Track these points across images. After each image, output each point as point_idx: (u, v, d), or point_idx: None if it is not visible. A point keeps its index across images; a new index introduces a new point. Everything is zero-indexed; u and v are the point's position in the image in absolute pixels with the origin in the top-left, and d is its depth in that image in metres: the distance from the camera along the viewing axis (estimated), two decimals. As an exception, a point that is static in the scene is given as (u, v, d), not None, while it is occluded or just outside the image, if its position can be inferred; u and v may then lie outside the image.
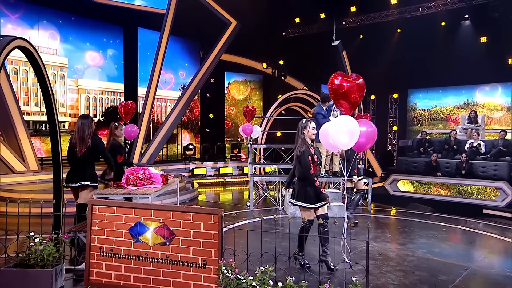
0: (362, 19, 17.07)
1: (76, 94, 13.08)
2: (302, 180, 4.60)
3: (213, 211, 3.82)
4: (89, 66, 13.31)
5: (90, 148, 5.37)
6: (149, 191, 4.81)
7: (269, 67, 17.00)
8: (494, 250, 5.99)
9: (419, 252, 5.58)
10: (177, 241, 3.89)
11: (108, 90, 13.86)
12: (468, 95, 16.71)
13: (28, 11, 11.72)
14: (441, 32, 16.17)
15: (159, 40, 12.35)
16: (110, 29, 13.65)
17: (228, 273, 3.42)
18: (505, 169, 11.74)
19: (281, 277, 3.62)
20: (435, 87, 17.41)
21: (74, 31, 12.81)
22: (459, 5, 15.18)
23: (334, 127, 3.53)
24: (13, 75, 11.67)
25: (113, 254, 4.05)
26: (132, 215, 4.03)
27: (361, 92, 3.65)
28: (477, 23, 15.41)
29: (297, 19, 17.30)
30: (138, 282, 3.97)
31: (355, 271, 4.69)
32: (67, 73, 12.81)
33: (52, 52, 12.45)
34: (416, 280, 4.52)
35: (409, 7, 15.98)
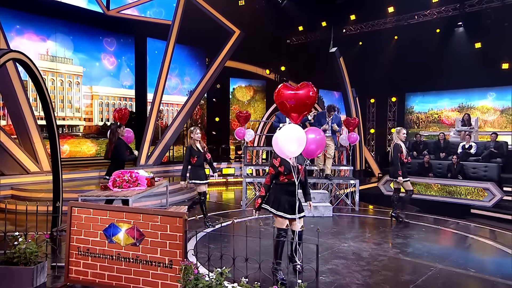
0: (361, 27, 16.92)
1: (90, 100, 13.25)
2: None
3: (178, 214, 3.79)
4: (102, 74, 13.46)
5: (115, 149, 6.16)
6: (130, 194, 4.81)
7: (272, 73, 16.94)
8: (466, 250, 5.80)
9: (392, 252, 5.45)
10: (146, 242, 3.88)
11: (120, 96, 14.00)
12: (463, 98, 16.36)
13: (44, 24, 11.91)
14: (436, 39, 15.89)
15: (165, 49, 12.40)
16: (122, 39, 13.78)
17: (188, 274, 3.39)
18: (494, 170, 11.44)
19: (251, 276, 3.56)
20: (431, 91, 17.12)
21: (88, 41, 12.96)
22: (453, 12, 14.92)
23: (282, 135, 3.46)
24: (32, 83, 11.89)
25: (89, 253, 4.06)
26: (107, 217, 4.03)
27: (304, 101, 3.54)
28: (471, 30, 15.12)
29: (301, 28, 17.22)
30: (112, 280, 3.97)
31: (323, 271, 4.62)
32: (82, 81, 12.98)
33: (67, 61, 12.62)
34: (380, 279, 4.41)
35: (406, 15, 15.79)
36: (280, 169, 4.15)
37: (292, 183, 4.18)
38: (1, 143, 9.29)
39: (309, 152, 3.47)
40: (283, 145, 3.44)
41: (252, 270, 3.69)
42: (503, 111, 15.21)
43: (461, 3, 14.59)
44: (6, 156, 9.38)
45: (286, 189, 4.21)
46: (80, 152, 12.94)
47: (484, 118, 15.62)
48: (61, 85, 12.54)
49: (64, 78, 12.62)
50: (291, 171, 4.15)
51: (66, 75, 12.62)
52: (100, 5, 12.74)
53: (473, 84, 15.59)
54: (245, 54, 15.52)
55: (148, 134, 12.01)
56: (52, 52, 12.27)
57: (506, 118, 15.16)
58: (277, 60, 16.65)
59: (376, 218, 7.80)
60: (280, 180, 4.21)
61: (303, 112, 3.58)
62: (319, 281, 4.26)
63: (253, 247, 4.00)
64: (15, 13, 11.26)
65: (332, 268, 4.73)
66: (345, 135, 8.97)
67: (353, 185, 8.47)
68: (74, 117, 12.84)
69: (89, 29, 12.91)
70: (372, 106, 19.61)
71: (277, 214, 4.21)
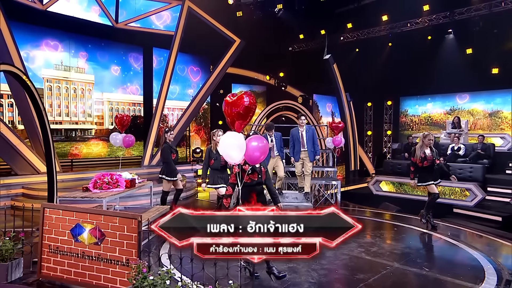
0: (357, 35, 16.69)
1: (102, 105, 13.43)
2: None
3: (134, 216, 3.78)
4: (112, 81, 13.63)
5: (161, 152, 6.87)
6: (104, 195, 4.82)
7: (272, 79, 16.85)
8: (428, 250, 5.61)
9: (356, 251, 5.31)
10: (107, 242, 3.87)
11: (130, 102, 14.15)
12: (454, 102, 15.94)
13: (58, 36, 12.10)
14: (428, 45, 15.57)
15: (168, 57, 12.49)
16: (130, 49, 13.91)
17: (137, 272, 3.37)
18: (479, 171, 11.16)
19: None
20: (424, 95, 16.77)
21: (99, 51, 13.13)
22: (443, 20, 14.60)
23: (224, 143, 3.40)
24: (48, 91, 12.15)
25: (58, 251, 4.09)
26: (73, 217, 4.04)
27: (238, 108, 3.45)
28: (460, 37, 14.75)
29: (301, 36, 17.08)
30: (77, 277, 3.99)
31: (283, 269, 4.52)
32: (93, 88, 13.17)
33: (80, 70, 12.82)
34: (334, 278, 4.31)
35: (399, 23, 15.52)
36: (245, 167, 4.05)
37: (256, 183, 4.12)
38: (15, 146, 9.50)
39: (253, 158, 3.39)
40: (224, 152, 3.38)
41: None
42: (491, 114, 14.75)
43: (451, 11, 14.25)
44: (19, 158, 9.58)
45: (249, 189, 4.13)
46: (92, 153, 13.12)
47: (474, 120, 15.17)
48: (74, 93, 12.74)
49: (77, 86, 12.82)
50: (255, 171, 4.09)
51: (79, 83, 12.82)
52: (109, 18, 12.89)
53: (464, 88, 15.22)
54: (246, 61, 15.50)
55: (152, 136, 12.10)
56: (65, 63, 12.48)
57: (494, 120, 14.69)
58: (276, 66, 16.55)
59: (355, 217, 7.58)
60: (245, 180, 4.06)
61: (245, 120, 3.50)
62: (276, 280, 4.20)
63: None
64: (31, 27, 11.50)
65: (292, 267, 4.63)
66: (330, 138, 8.82)
67: (335, 186, 8.32)
68: (86, 122, 13.03)
69: (100, 40, 13.08)
70: (369, 109, 19.29)
71: None
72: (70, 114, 12.67)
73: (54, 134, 12.25)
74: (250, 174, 4.07)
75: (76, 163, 12.52)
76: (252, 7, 13.40)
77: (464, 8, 14.02)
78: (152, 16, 13.86)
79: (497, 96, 14.69)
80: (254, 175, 4.10)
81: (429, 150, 6.53)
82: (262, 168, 4.20)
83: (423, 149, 6.51)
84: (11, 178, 9.43)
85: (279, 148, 7.40)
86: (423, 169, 6.51)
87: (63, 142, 12.50)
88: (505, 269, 4.60)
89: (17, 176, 9.50)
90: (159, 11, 13.76)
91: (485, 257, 5.00)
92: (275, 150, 7.33)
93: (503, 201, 9.97)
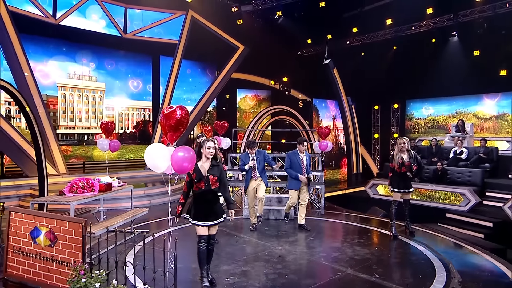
0: (363, 39, 16.44)
1: (112, 111, 13.87)
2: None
3: (79, 220, 3.91)
4: (122, 88, 14.05)
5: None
6: (72, 199, 4.99)
7: (276, 83, 16.82)
8: (390, 256, 5.39)
9: (317, 256, 5.23)
10: (58, 244, 4.03)
11: (139, 107, 14.53)
12: (460, 105, 15.32)
13: (70, 48, 12.64)
14: (433, 48, 15.10)
15: (172, 65, 12.75)
16: (138, 57, 14.33)
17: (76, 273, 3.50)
18: (478, 176, 10.72)
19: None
20: (429, 98, 16.24)
21: (109, 60, 13.61)
22: (447, 23, 14.15)
23: (149, 154, 3.45)
24: (62, 98, 12.69)
25: (20, 252, 4.28)
26: (33, 220, 4.23)
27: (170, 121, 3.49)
28: (465, 39, 14.20)
29: (309, 40, 16.96)
30: (35, 276, 4.17)
31: (235, 273, 4.55)
32: (104, 95, 13.62)
33: (92, 79, 13.30)
34: (280, 283, 4.27)
35: (403, 27, 15.16)
36: (193, 176, 4.06)
37: (205, 191, 4.06)
38: (25, 150, 9.96)
39: (183, 169, 3.43)
40: (150, 162, 3.44)
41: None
42: (497, 117, 14.07)
43: (455, 14, 13.78)
44: (28, 161, 10.03)
45: (202, 197, 4.09)
46: (102, 156, 13.54)
47: (480, 123, 14.53)
48: (86, 100, 13.23)
49: (89, 93, 13.31)
50: (201, 179, 4.05)
51: (90, 91, 13.31)
52: (118, 30, 13.30)
53: (470, 90, 14.63)
54: (251, 67, 15.58)
55: (155, 140, 12.37)
56: (78, 72, 13.00)
57: (500, 123, 14.02)
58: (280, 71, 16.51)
59: (335, 221, 7.48)
60: (194, 188, 4.08)
61: (177, 132, 3.53)
62: (222, 283, 4.24)
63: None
64: (46, 39, 12.08)
65: (244, 271, 4.64)
66: (318, 143, 8.72)
67: (319, 190, 8.19)
68: (97, 127, 13.47)
69: (110, 50, 13.54)
70: (376, 112, 18.88)
71: (193, 223, 4.10)
72: (82, 120, 13.16)
73: (67, 138, 12.88)
74: (196, 183, 4.07)
75: (88, 165, 12.98)
76: (253, 15, 13.45)
77: (468, 10, 13.51)
78: (159, 26, 14.18)
79: (503, 99, 14.02)
80: (201, 184, 4.06)
81: (407, 155, 6.28)
82: (210, 176, 4.18)
83: (400, 154, 6.27)
84: (21, 180, 9.90)
85: (260, 170, 6.50)
86: (400, 175, 6.28)
87: (76, 145, 13.00)
88: (456, 276, 4.41)
89: (26, 178, 9.96)
90: (165, 21, 14.05)
91: (445, 266, 4.80)
92: (256, 171, 6.48)
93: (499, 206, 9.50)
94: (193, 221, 4.09)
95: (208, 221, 4.06)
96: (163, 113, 3.61)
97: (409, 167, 6.21)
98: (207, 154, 4.10)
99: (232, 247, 5.67)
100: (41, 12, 11.73)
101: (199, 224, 4.06)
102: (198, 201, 4.12)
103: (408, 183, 6.32)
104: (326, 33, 16.01)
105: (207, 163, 4.12)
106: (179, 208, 4.18)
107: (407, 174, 6.20)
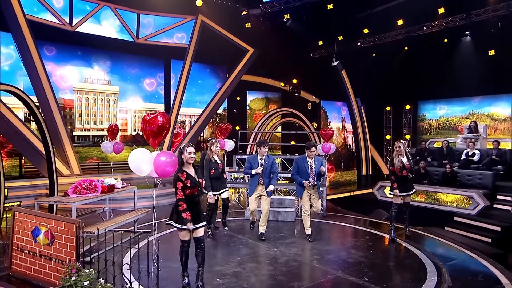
0: (374, 40, 16.23)
1: (125, 114, 14.22)
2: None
3: (74, 221, 4.07)
4: (135, 91, 14.38)
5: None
6: (74, 200, 5.18)
7: (286, 85, 16.82)
8: (385, 260, 5.33)
9: (311, 258, 5.24)
10: (56, 243, 4.22)
11: (151, 110, 14.82)
12: (473, 105, 14.92)
13: (86, 53, 13.05)
14: (445, 48, 14.75)
15: (182, 68, 12.97)
16: (150, 61, 14.62)
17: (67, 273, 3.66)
18: (489, 179, 10.43)
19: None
20: (442, 99, 15.88)
21: (122, 64, 13.96)
22: (459, 22, 13.78)
23: (132, 159, 3.57)
24: (78, 102, 13.10)
25: (23, 250, 4.50)
26: (34, 220, 4.44)
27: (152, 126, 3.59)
28: (478, 39, 13.82)
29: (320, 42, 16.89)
30: (35, 273, 4.37)
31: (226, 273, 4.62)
32: (118, 98, 13.99)
33: (106, 82, 13.68)
34: (268, 284, 4.32)
35: (414, 27, 14.87)
36: (187, 182, 4.06)
37: (196, 195, 4.14)
38: (41, 152, 10.31)
39: (165, 172, 3.53)
40: (135, 166, 3.56)
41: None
42: (512, 118, 13.64)
43: (467, 13, 13.41)
44: (45, 162, 10.39)
45: (193, 201, 4.14)
46: (116, 157, 13.86)
47: (494, 125, 14.10)
48: (101, 103, 13.62)
49: (104, 97, 13.69)
50: (196, 185, 4.10)
51: (105, 94, 13.69)
52: (131, 35, 13.64)
53: (483, 91, 14.23)
54: (261, 69, 15.68)
55: (166, 140, 12.61)
56: (93, 76, 13.40)
57: (516, 125, 13.57)
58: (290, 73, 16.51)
59: (335, 224, 7.45)
60: (187, 193, 4.07)
61: (159, 137, 3.64)
62: (212, 284, 4.32)
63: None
64: (62, 46, 12.51)
65: (236, 271, 4.71)
66: (320, 145, 8.70)
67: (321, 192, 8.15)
68: (112, 129, 13.83)
69: (123, 55, 13.89)
70: (389, 113, 18.59)
71: (178, 227, 4.12)
72: (97, 122, 13.54)
73: (83, 140, 13.29)
74: (191, 188, 4.07)
75: (102, 166, 13.34)
76: (261, 18, 13.52)
77: (481, 9, 13.14)
78: (170, 30, 14.44)
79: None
80: (195, 189, 4.10)
81: (406, 158, 6.22)
82: (201, 180, 4.22)
83: (399, 158, 6.21)
84: (38, 180, 10.29)
85: (267, 175, 5.97)
86: (402, 178, 6.21)
87: (91, 147, 13.39)
88: (447, 281, 4.35)
89: (43, 178, 10.34)
90: (175, 26, 14.30)
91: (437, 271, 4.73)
92: (263, 177, 5.97)
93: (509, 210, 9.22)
94: (177, 225, 4.10)
95: (197, 224, 4.13)
96: (144, 119, 3.72)
97: (410, 169, 6.17)
98: (188, 160, 4.12)
99: (229, 248, 5.76)
100: (58, 20, 12.16)
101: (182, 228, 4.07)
102: (190, 205, 4.11)
103: (409, 186, 6.26)
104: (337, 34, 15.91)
105: (192, 168, 4.18)
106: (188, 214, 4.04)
107: (408, 177, 6.15)
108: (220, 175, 6.27)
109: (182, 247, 4.14)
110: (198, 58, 13.57)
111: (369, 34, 15.90)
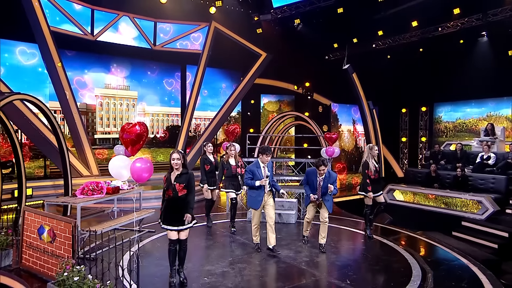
0: (389, 41, 16.00)
1: (144, 117, 14.74)
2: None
3: (70, 221, 4.39)
4: (153, 96, 14.89)
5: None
6: (79, 201, 5.53)
7: (300, 88, 16.86)
8: (372, 263, 5.32)
9: (300, 260, 5.33)
10: (57, 241, 4.55)
11: (168, 113, 15.31)
12: (490, 107, 14.41)
13: (105, 60, 13.66)
14: (461, 49, 14.34)
15: (196, 73, 13.33)
16: (167, 67, 15.09)
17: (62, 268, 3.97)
18: (502, 183, 10.12)
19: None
20: (459, 101, 15.45)
21: (141, 70, 14.50)
22: (476, 23, 13.38)
23: (112, 165, 3.82)
24: (99, 107, 13.73)
25: (31, 246, 4.88)
26: (39, 219, 4.81)
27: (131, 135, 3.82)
28: (495, 39, 13.35)
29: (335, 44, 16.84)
30: (40, 268, 4.74)
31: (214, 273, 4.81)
32: (136, 102, 14.54)
33: (125, 88, 14.26)
34: (252, 284, 4.47)
35: (429, 28, 14.56)
36: (165, 185, 4.32)
37: (173, 198, 4.27)
38: (63, 154, 10.95)
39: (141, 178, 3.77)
40: (115, 172, 3.82)
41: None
42: (531, 120, 13.06)
43: (484, 13, 12.99)
44: (66, 164, 11.02)
45: (170, 204, 4.33)
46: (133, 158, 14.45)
47: (513, 127, 13.58)
48: (120, 107, 14.20)
49: (123, 101, 14.27)
50: (169, 187, 4.28)
51: (124, 99, 14.26)
52: (148, 42, 14.15)
53: (501, 92, 13.72)
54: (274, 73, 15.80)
55: (180, 142, 13.04)
56: (113, 82, 14.00)
57: (534, 127, 12.99)
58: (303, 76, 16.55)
59: (333, 226, 7.46)
60: (166, 195, 4.33)
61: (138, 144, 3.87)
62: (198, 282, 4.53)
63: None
64: (84, 54, 13.17)
65: (225, 271, 4.89)
66: (324, 149, 8.75)
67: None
68: (130, 132, 14.38)
69: (141, 61, 14.43)
70: (405, 115, 18.23)
71: (163, 227, 4.38)
72: (117, 125, 14.12)
73: (103, 142, 13.89)
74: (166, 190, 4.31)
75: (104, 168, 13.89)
76: (272, 23, 13.67)
77: (499, 9, 12.71)
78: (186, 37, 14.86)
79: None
80: (169, 191, 4.28)
81: (375, 161, 6.44)
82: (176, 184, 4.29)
83: (372, 161, 6.39)
84: (60, 180, 10.86)
85: (270, 181, 5.58)
86: (374, 180, 6.41)
87: (111, 149, 13.97)
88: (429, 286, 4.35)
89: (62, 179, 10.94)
90: (190, 33, 14.70)
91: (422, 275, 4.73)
92: (267, 185, 5.54)
93: (520, 215, 8.91)
94: (163, 226, 4.40)
95: (175, 226, 4.32)
96: (122, 128, 3.96)
97: (379, 172, 6.52)
98: (173, 165, 4.29)
99: (224, 248, 5.95)
100: (81, 30, 12.81)
101: (168, 229, 4.35)
102: (167, 207, 4.35)
103: (379, 187, 6.59)
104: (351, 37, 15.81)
105: (176, 172, 4.35)
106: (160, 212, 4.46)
107: (378, 179, 6.45)
108: (233, 176, 6.89)
109: (170, 246, 4.39)
110: (211, 63, 13.90)
111: (383, 36, 15.70)
